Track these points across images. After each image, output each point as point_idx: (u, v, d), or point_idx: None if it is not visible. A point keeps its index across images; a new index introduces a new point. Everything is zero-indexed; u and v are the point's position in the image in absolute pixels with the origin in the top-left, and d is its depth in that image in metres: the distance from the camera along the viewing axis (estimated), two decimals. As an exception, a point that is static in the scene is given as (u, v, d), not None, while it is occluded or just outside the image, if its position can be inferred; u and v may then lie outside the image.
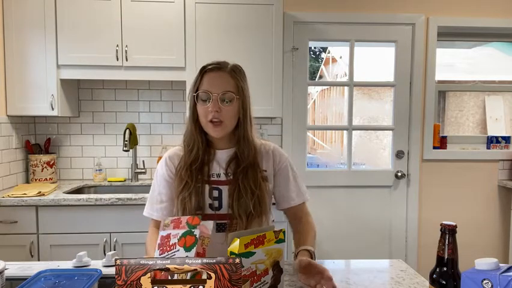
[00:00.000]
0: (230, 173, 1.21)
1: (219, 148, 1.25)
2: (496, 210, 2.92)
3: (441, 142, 2.89)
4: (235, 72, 1.21)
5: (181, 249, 0.90)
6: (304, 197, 1.31)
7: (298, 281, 1.04)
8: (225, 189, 1.20)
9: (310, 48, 2.81)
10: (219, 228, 1.20)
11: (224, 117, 1.16)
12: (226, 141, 1.25)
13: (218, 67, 1.20)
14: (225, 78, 1.18)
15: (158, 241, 0.96)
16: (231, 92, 1.17)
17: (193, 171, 1.19)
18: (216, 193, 1.20)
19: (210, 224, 0.94)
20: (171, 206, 1.24)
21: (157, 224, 1.26)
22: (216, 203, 1.20)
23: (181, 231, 0.92)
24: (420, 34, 2.77)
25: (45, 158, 2.53)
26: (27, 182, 2.57)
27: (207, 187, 1.19)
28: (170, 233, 0.94)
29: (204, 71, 1.19)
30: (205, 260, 0.68)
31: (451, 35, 2.91)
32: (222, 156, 1.24)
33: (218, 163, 1.23)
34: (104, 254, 1.84)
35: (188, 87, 1.35)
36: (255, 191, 1.17)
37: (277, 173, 1.28)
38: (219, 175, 1.22)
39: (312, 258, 1.10)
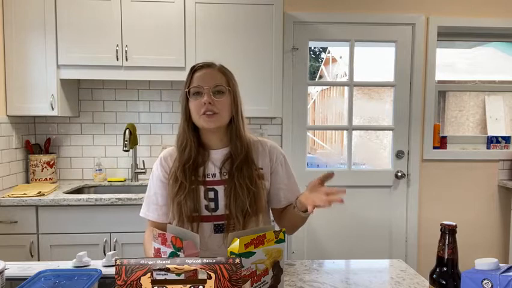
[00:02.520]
0: (225, 172, 1.21)
1: (212, 148, 1.24)
2: (496, 210, 2.92)
3: (442, 142, 2.89)
4: (224, 69, 1.25)
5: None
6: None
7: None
8: (220, 189, 1.20)
9: (310, 48, 2.81)
10: (217, 229, 1.19)
11: (218, 109, 1.17)
12: (220, 140, 1.24)
13: (207, 65, 1.24)
14: (215, 73, 1.22)
15: (153, 251, 0.96)
16: (222, 86, 1.20)
17: (186, 170, 1.19)
18: (211, 194, 1.19)
19: (196, 238, 0.90)
20: (167, 207, 1.24)
21: (154, 225, 1.26)
22: (212, 204, 1.19)
23: (168, 250, 0.90)
24: (420, 34, 2.77)
25: (45, 158, 2.53)
26: (27, 182, 2.57)
27: (202, 188, 1.19)
28: (160, 248, 0.93)
29: (193, 69, 1.23)
30: (205, 260, 0.68)
31: (451, 35, 2.91)
32: (217, 156, 1.23)
33: (213, 163, 1.23)
34: (104, 254, 1.84)
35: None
36: (251, 189, 1.17)
37: (274, 171, 1.27)
38: (214, 175, 1.22)
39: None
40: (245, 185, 1.17)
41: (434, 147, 2.86)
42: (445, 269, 0.81)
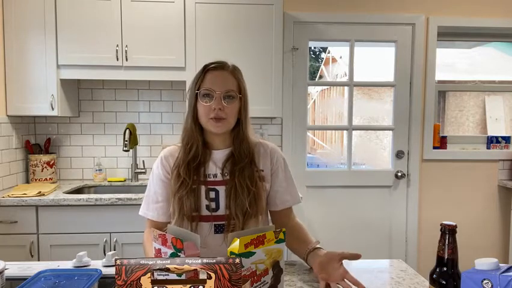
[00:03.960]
0: (227, 172, 1.20)
1: (215, 148, 1.24)
2: (496, 210, 2.92)
3: (442, 142, 2.89)
4: (237, 72, 1.23)
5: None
6: (298, 199, 1.30)
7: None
8: (221, 189, 1.19)
9: (310, 48, 2.81)
10: (217, 229, 1.19)
11: (227, 115, 1.16)
12: (223, 141, 1.24)
13: (221, 66, 1.21)
14: (228, 77, 1.19)
15: (154, 252, 0.96)
16: (233, 91, 1.18)
17: (191, 169, 1.18)
18: (212, 194, 1.19)
19: (197, 239, 0.90)
20: (167, 206, 1.24)
21: (153, 224, 1.25)
22: (213, 204, 1.19)
23: (169, 251, 0.90)
24: (420, 34, 2.77)
25: (45, 158, 2.53)
26: (27, 182, 2.57)
27: (203, 188, 1.19)
28: (160, 249, 0.92)
29: (206, 69, 1.20)
30: (205, 260, 0.68)
31: (451, 35, 2.91)
32: (219, 156, 1.23)
33: (214, 163, 1.22)
34: (104, 254, 1.84)
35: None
36: (251, 189, 1.16)
37: (274, 173, 1.27)
38: (215, 175, 1.21)
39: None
40: (245, 184, 1.16)
41: (434, 147, 2.86)
42: (445, 269, 0.81)
